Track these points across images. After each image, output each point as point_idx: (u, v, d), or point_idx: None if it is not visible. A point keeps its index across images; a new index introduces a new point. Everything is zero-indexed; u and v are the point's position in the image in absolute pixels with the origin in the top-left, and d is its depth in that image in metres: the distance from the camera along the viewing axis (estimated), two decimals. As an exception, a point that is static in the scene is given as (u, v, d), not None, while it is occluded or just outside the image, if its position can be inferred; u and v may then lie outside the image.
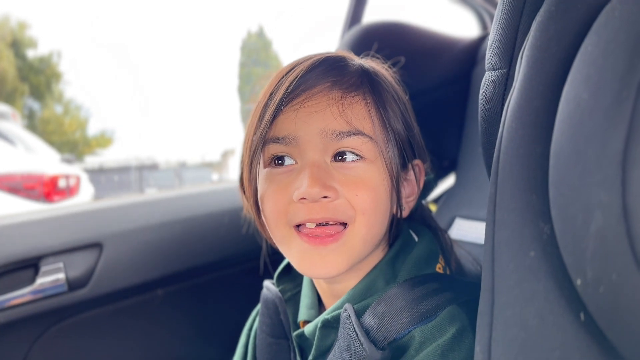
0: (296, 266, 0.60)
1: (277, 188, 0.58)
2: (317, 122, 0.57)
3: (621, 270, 0.29)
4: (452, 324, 0.52)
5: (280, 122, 0.58)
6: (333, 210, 0.56)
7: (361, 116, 0.58)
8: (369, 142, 0.58)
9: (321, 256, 0.57)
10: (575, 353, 0.35)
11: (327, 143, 0.57)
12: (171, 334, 1.16)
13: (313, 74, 0.58)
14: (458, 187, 1.09)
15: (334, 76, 0.59)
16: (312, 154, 0.57)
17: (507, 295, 0.39)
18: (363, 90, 0.60)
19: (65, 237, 1.03)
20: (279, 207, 0.58)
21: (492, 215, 0.42)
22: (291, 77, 0.58)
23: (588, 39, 0.34)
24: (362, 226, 0.57)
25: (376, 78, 0.62)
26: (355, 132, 0.57)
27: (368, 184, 0.57)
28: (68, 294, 1.00)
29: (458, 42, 1.14)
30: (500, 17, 0.49)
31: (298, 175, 0.57)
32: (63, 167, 5.26)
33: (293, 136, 0.57)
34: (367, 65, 0.64)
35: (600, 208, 0.29)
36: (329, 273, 0.57)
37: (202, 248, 1.19)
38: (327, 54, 0.62)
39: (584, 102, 0.32)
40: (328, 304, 0.67)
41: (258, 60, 23.69)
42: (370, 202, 0.57)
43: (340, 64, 0.61)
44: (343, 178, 0.57)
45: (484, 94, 0.52)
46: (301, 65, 0.59)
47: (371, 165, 0.58)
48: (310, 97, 0.57)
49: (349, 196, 0.56)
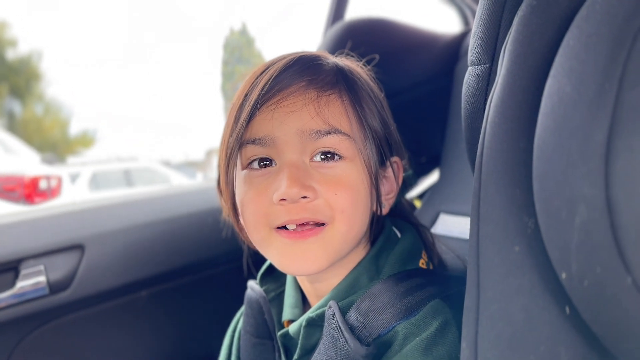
0: (277, 264, 0.59)
1: (257, 191, 0.58)
2: (294, 122, 0.56)
3: (605, 263, 0.29)
4: (435, 318, 0.52)
5: (257, 123, 0.57)
6: (312, 211, 0.56)
7: (338, 114, 0.58)
8: (347, 141, 0.57)
9: (302, 250, 0.56)
10: (560, 346, 0.35)
11: (304, 143, 0.56)
12: (156, 335, 1.15)
13: (287, 73, 0.58)
14: (442, 183, 1.09)
15: (308, 75, 0.58)
16: (289, 154, 0.57)
17: (493, 290, 0.39)
18: (339, 88, 0.59)
19: (45, 239, 1.01)
20: (259, 210, 0.57)
21: (477, 210, 0.42)
22: (265, 77, 0.57)
23: (570, 32, 0.34)
24: (342, 225, 0.57)
25: (351, 76, 0.62)
26: (333, 131, 0.56)
27: (347, 183, 0.57)
28: (49, 297, 0.98)
29: (441, 38, 1.14)
30: (483, 12, 0.49)
31: (276, 176, 0.57)
32: (44, 168, 5.20)
33: (270, 137, 0.57)
34: (342, 63, 0.63)
35: (584, 201, 0.29)
36: (309, 268, 0.57)
37: (186, 248, 1.18)
38: (301, 54, 0.62)
39: (566, 96, 0.32)
40: (312, 303, 0.67)
41: (241, 58, 23.58)
42: (349, 201, 0.57)
43: (315, 63, 0.61)
44: (322, 178, 0.56)
45: (467, 89, 0.52)
46: (275, 65, 0.59)
47: (350, 164, 0.58)
48: (285, 97, 0.57)
49: (328, 196, 0.56)
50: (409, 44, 1.09)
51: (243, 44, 23.91)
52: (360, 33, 1.03)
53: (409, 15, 1.20)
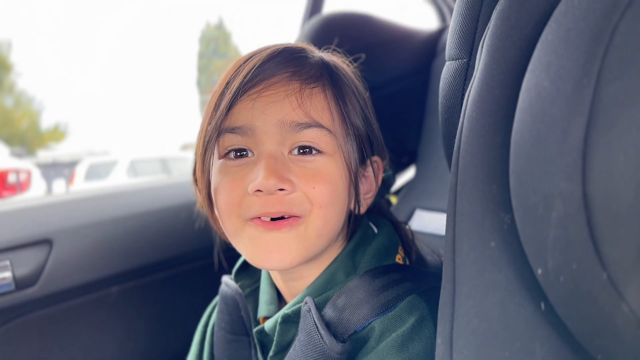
0: (248, 256, 0.58)
1: (232, 180, 0.56)
2: (275, 113, 0.55)
3: (581, 259, 0.29)
4: (411, 314, 0.52)
5: (237, 112, 0.56)
6: (289, 204, 0.55)
7: (320, 108, 0.57)
8: (328, 135, 0.56)
9: (275, 241, 0.55)
10: (536, 342, 0.35)
11: (284, 134, 0.55)
12: (126, 332, 1.13)
13: (272, 63, 0.57)
14: (418, 179, 1.10)
15: (293, 66, 0.57)
16: (269, 145, 0.55)
17: (468, 285, 0.39)
18: (323, 82, 0.58)
19: (12, 234, 0.98)
20: (232, 200, 0.56)
21: (453, 205, 0.41)
22: (249, 65, 0.56)
23: (548, 27, 0.34)
24: (319, 219, 0.56)
25: (336, 71, 0.61)
26: (314, 124, 0.56)
27: (326, 177, 0.56)
28: (15, 293, 0.95)
29: (418, 34, 1.14)
30: (461, 7, 0.48)
31: (253, 167, 0.55)
32: (13, 161, 5.08)
33: (249, 126, 0.55)
34: (328, 58, 0.63)
35: (561, 197, 0.29)
36: (282, 261, 0.55)
37: (158, 244, 1.16)
38: (287, 45, 0.61)
39: (544, 91, 0.31)
40: (288, 301, 0.66)
41: (217, 52, 23.36)
42: (327, 195, 0.56)
43: (300, 54, 0.60)
44: (300, 171, 0.55)
45: (444, 84, 0.52)
46: (259, 54, 0.58)
47: (329, 158, 0.57)
48: (268, 87, 0.56)
49: (306, 189, 0.55)
50: (387, 39, 1.09)
51: (219, 37, 23.68)
52: (337, 27, 1.03)
53: (386, 10, 1.19)
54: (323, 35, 0.99)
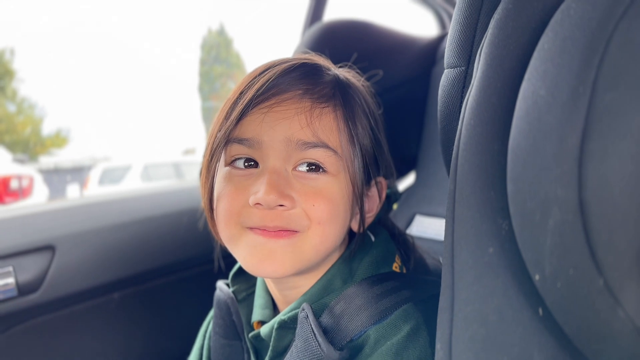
0: (243, 263, 0.58)
1: (234, 189, 0.57)
2: (283, 129, 0.55)
3: (578, 265, 0.29)
4: (406, 322, 0.52)
5: (247, 123, 0.56)
6: (287, 220, 0.55)
7: (328, 129, 0.57)
8: (333, 156, 0.57)
9: (271, 250, 0.55)
10: (534, 348, 0.35)
11: (290, 151, 0.56)
12: (128, 338, 1.13)
13: (286, 78, 0.57)
14: (418, 185, 1.10)
15: (306, 84, 0.58)
16: (273, 160, 0.56)
17: (467, 291, 0.39)
18: (334, 102, 0.58)
19: (15, 240, 0.98)
20: (232, 208, 0.57)
21: (452, 212, 0.42)
22: (264, 78, 0.56)
23: (545, 36, 0.34)
24: (316, 235, 0.56)
25: (349, 91, 0.61)
26: (320, 145, 0.56)
27: (327, 196, 0.56)
28: (18, 299, 0.95)
29: (417, 41, 1.15)
30: (459, 15, 0.49)
31: (257, 179, 0.56)
32: (15, 167, 5.10)
33: (257, 139, 0.56)
34: (342, 76, 0.63)
35: (558, 203, 0.30)
36: (275, 270, 0.56)
37: (160, 250, 1.16)
38: (305, 59, 0.61)
39: (541, 99, 0.32)
40: (282, 308, 0.66)
41: (219, 58, 23.41)
42: (326, 213, 0.56)
43: (316, 72, 0.60)
44: (302, 188, 0.56)
45: (443, 92, 0.52)
46: (276, 67, 0.58)
47: (333, 179, 0.57)
48: (279, 103, 0.56)
49: (306, 206, 0.55)
50: (386, 47, 1.09)
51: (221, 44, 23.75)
52: (338, 34, 1.03)
53: (387, 18, 1.20)
54: (324, 42, 0.99)
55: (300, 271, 0.58)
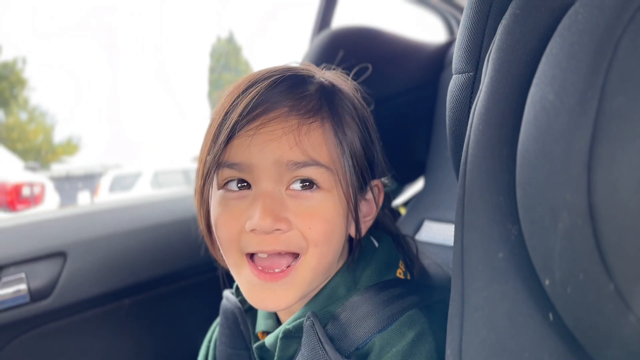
0: (245, 296, 0.58)
1: (230, 215, 0.56)
2: (272, 152, 0.54)
3: (588, 269, 0.29)
4: (411, 328, 0.52)
5: (235, 147, 0.55)
6: (285, 242, 0.55)
7: (318, 145, 0.55)
8: (325, 173, 0.55)
9: (271, 290, 0.55)
10: (544, 353, 0.35)
11: (281, 172, 0.55)
12: (138, 344, 1.13)
13: (271, 94, 0.55)
14: (427, 191, 1.10)
15: (292, 99, 0.56)
16: (266, 183, 0.55)
17: (477, 296, 0.39)
18: (322, 115, 0.57)
19: (27, 247, 0.99)
20: (231, 235, 0.56)
21: (461, 217, 0.42)
22: (248, 97, 0.55)
23: (553, 41, 0.34)
24: (314, 257, 0.56)
25: (335, 99, 0.60)
26: (311, 163, 0.55)
27: (322, 216, 0.56)
28: (30, 305, 0.96)
29: (426, 47, 1.15)
30: (467, 21, 0.49)
31: (252, 203, 0.55)
32: (27, 175, 5.15)
33: (247, 163, 0.55)
34: (328, 82, 0.61)
35: (567, 208, 0.30)
36: (279, 307, 0.56)
37: (169, 256, 1.17)
38: (287, 72, 0.59)
39: (549, 104, 0.32)
40: (283, 319, 0.66)
41: (228, 66, 23.55)
42: (323, 235, 0.56)
43: (300, 83, 0.58)
44: (297, 209, 0.55)
45: (451, 97, 0.53)
46: (259, 85, 0.56)
47: (327, 195, 0.56)
48: (265, 124, 0.54)
49: (302, 228, 0.55)
50: (395, 53, 1.10)
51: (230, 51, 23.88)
52: (346, 41, 1.04)
53: (395, 24, 1.21)
54: (332, 49, 1.00)
55: (303, 297, 0.58)
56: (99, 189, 8.45)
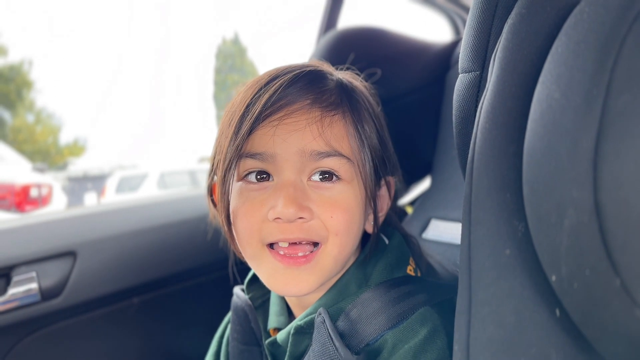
0: (266, 283, 0.59)
1: (251, 205, 0.57)
2: (296, 142, 0.55)
3: (594, 266, 0.29)
4: (424, 325, 0.53)
5: (258, 137, 0.57)
6: (307, 231, 0.56)
7: (340, 136, 0.57)
8: (347, 164, 0.57)
9: (293, 275, 0.56)
10: (551, 349, 0.36)
11: (304, 162, 0.56)
12: (147, 343, 1.14)
13: (293, 89, 0.57)
14: (433, 189, 1.10)
15: (314, 93, 0.58)
16: (289, 173, 0.56)
17: (484, 293, 0.39)
18: (342, 109, 0.59)
19: (37, 246, 1.00)
20: (252, 225, 0.57)
21: (468, 214, 0.42)
22: (271, 90, 0.56)
23: (558, 40, 0.35)
24: (335, 246, 0.57)
25: (354, 95, 0.62)
26: (334, 153, 0.56)
27: (343, 206, 0.57)
28: (41, 304, 0.97)
29: (432, 47, 1.15)
30: (473, 21, 0.49)
31: (273, 193, 0.56)
32: (35, 176, 5.18)
33: (270, 153, 0.56)
34: (345, 80, 0.63)
35: (573, 205, 0.30)
36: (301, 291, 0.57)
37: (178, 255, 1.17)
38: (307, 67, 0.61)
39: (555, 102, 0.32)
40: (297, 313, 0.67)
41: (233, 67, 23.60)
42: (344, 224, 0.57)
43: (320, 79, 0.60)
44: (319, 199, 0.56)
45: (458, 96, 0.53)
46: (280, 79, 0.57)
47: (347, 186, 0.58)
48: (289, 115, 0.56)
49: (324, 217, 0.56)
50: (401, 53, 1.10)
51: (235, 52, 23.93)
52: (352, 41, 1.04)
53: (401, 25, 1.21)
54: (338, 49, 1.00)
55: (322, 284, 0.59)
56: (105, 190, 8.48)
